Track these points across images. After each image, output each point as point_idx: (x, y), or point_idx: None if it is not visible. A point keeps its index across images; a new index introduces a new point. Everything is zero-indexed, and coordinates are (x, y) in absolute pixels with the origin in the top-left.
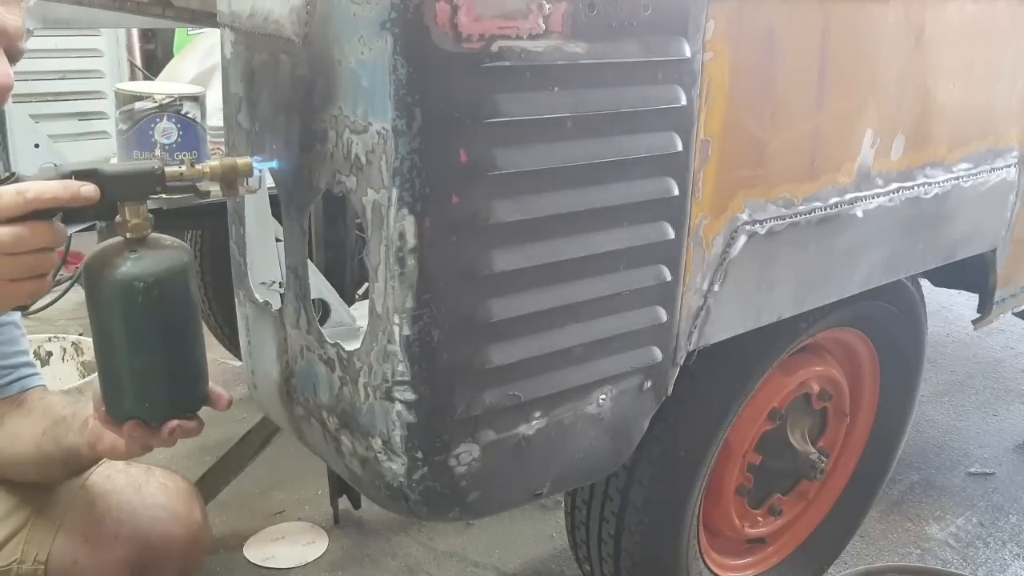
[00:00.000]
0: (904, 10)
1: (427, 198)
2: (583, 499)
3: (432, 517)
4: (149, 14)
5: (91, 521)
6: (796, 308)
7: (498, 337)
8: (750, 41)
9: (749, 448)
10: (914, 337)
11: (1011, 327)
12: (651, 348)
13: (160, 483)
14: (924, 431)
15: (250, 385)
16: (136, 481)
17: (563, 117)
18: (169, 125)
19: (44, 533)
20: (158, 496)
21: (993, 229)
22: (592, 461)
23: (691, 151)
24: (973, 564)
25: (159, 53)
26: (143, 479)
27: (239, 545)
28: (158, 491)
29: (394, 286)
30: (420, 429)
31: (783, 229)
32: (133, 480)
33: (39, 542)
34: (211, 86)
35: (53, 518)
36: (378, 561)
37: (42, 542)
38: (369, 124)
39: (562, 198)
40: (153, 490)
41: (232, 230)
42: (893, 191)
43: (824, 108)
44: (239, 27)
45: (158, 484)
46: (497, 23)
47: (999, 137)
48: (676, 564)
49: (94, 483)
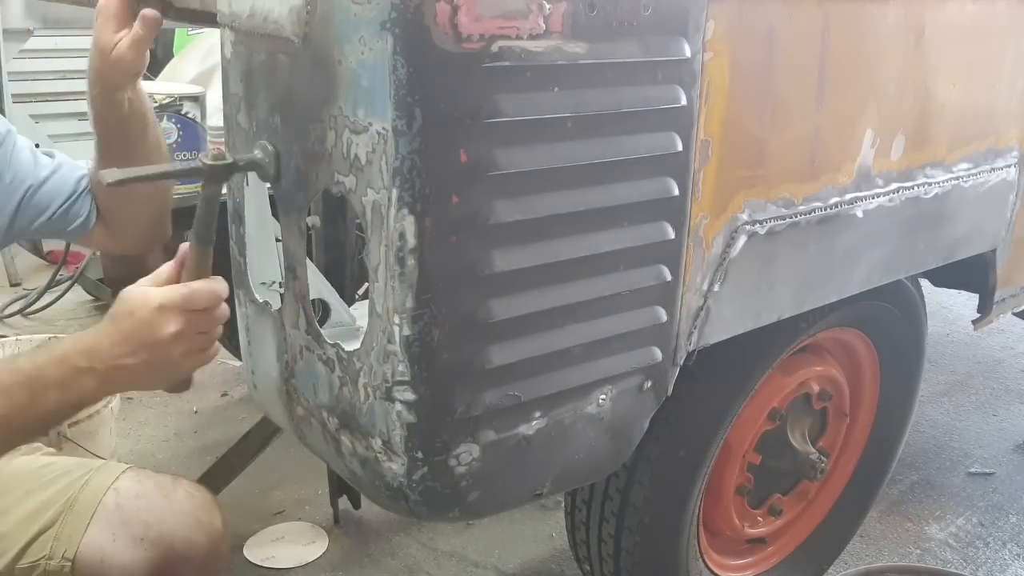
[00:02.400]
0: (904, 10)
1: (427, 198)
2: (583, 499)
3: (432, 517)
4: None
5: (120, 522)
6: (796, 308)
7: (498, 337)
8: (750, 41)
9: (749, 448)
10: (914, 337)
11: (1011, 327)
12: (651, 348)
13: (187, 492)
14: (924, 431)
15: (250, 385)
16: (165, 487)
17: (563, 117)
18: (169, 125)
19: (73, 531)
20: (184, 503)
21: (993, 229)
22: (592, 461)
23: (691, 151)
24: (973, 564)
25: (159, 53)
26: (171, 487)
27: (239, 545)
28: (185, 499)
29: (394, 286)
30: (420, 429)
31: (783, 229)
32: (162, 486)
33: (68, 539)
34: (211, 86)
35: (83, 516)
36: (378, 561)
37: (71, 540)
38: (369, 124)
39: (562, 198)
40: (180, 497)
41: (232, 230)
42: (893, 191)
43: (824, 108)
44: (239, 27)
45: (185, 492)
46: (497, 23)
47: (999, 137)
48: (676, 564)
49: (124, 486)
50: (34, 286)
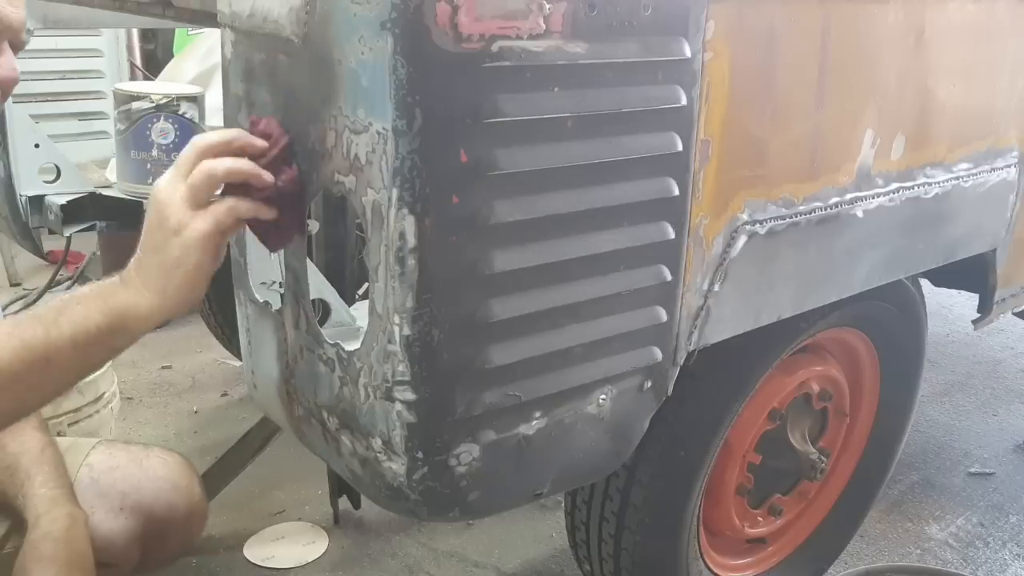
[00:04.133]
0: (904, 10)
1: (427, 198)
2: (583, 499)
3: (432, 517)
4: (149, 14)
5: (97, 495)
6: (796, 308)
7: (498, 337)
8: (750, 41)
9: (749, 448)
10: (914, 337)
11: (1011, 327)
12: (651, 348)
13: (160, 458)
14: (924, 431)
15: (250, 385)
16: (137, 456)
17: (563, 117)
18: (166, 125)
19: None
20: (159, 469)
21: (993, 229)
22: (592, 461)
23: (691, 151)
24: (973, 564)
25: (159, 53)
26: (143, 454)
27: (239, 545)
28: (159, 465)
29: (394, 286)
30: (420, 429)
31: (783, 229)
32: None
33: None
34: (211, 86)
35: None
36: (378, 561)
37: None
38: (369, 124)
39: (562, 198)
40: (154, 463)
41: None
42: (893, 191)
43: (824, 108)
44: (239, 27)
45: (158, 459)
46: (497, 23)
47: (999, 137)
48: (676, 564)
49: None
50: (34, 286)
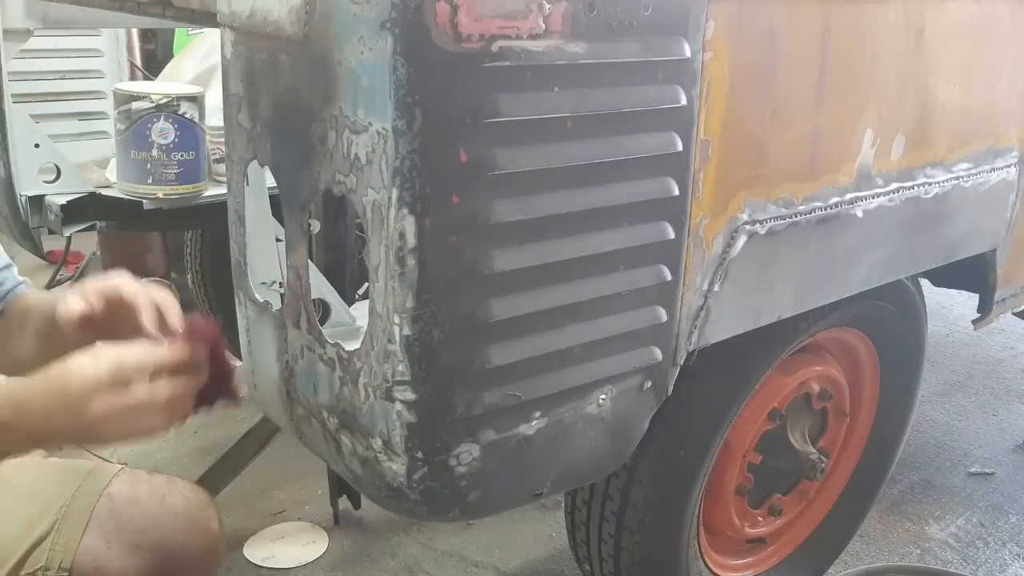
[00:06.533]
0: (904, 10)
1: (427, 198)
2: (583, 499)
3: (432, 517)
4: (149, 14)
5: (115, 529)
6: (796, 308)
7: (498, 337)
8: (750, 41)
9: (749, 448)
10: (914, 337)
11: (1011, 327)
12: (651, 348)
13: (182, 494)
14: (924, 431)
15: (250, 385)
16: (159, 491)
17: (563, 117)
18: (166, 125)
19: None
20: (179, 506)
21: (993, 229)
22: (592, 461)
23: (691, 151)
24: (973, 564)
25: (159, 53)
26: (166, 489)
27: (239, 545)
28: (180, 501)
29: (394, 286)
30: (420, 429)
31: (783, 229)
32: (156, 490)
33: (64, 549)
34: (211, 86)
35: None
36: (378, 561)
37: (67, 549)
38: (369, 124)
39: (562, 198)
40: (175, 500)
41: (232, 230)
42: (893, 191)
43: (824, 108)
44: (239, 27)
45: (180, 495)
46: (497, 23)
47: (999, 137)
48: (676, 564)
49: (118, 490)
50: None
